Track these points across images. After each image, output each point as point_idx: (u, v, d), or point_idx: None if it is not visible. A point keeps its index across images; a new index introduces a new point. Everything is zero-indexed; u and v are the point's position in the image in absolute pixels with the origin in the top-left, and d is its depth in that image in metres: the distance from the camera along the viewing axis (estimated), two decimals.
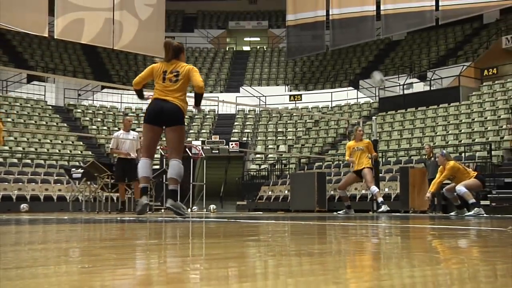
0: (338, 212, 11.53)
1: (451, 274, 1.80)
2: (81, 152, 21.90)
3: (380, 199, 11.18)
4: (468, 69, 22.37)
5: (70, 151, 21.70)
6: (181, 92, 6.30)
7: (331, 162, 19.95)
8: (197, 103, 6.50)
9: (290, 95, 27.12)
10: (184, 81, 6.31)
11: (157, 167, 17.89)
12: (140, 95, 6.80)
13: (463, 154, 16.29)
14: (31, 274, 1.73)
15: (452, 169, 10.02)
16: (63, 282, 1.58)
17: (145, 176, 6.50)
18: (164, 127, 6.36)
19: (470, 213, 9.87)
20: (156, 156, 21.61)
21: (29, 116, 22.81)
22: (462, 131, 18.58)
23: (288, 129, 24.78)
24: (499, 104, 19.21)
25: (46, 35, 21.77)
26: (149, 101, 6.65)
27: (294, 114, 25.36)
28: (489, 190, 13.44)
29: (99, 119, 24.72)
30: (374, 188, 11.10)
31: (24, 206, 12.50)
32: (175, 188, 6.41)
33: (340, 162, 19.44)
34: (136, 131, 12.49)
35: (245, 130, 25.44)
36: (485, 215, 9.70)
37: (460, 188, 9.84)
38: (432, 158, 12.41)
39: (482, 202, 12.41)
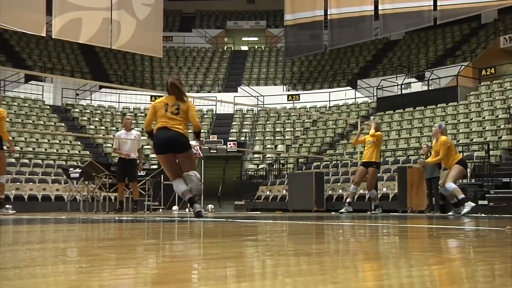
0: (341, 211, 11.59)
1: (449, 274, 1.80)
2: (79, 151, 21.88)
3: (376, 202, 11.60)
4: (466, 69, 22.38)
5: (68, 150, 21.67)
6: (183, 124, 6.82)
7: (329, 162, 19.95)
8: (198, 137, 7.25)
9: (288, 95, 27.12)
10: (184, 116, 6.83)
11: (155, 167, 17.91)
12: (151, 135, 7.13)
13: (461, 154, 16.30)
14: (29, 274, 1.73)
15: (445, 144, 10.05)
16: (61, 282, 1.58)
17: (185, 191, 6.90)
18: (174, 152, 6.84)
19: (465, 210, 9.83)
20: (154, 156, 21.62)
21: (27, 115, 22.78)
22: (460, 131, 18.60)
23: (286, 129, 24.78)
24: (497, 104, 19.22)
25: (44, 34, 21.71)
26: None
27: (292, 114, 25.35)
28: (487, 190, 13.46)
29: (97, 119, 24.69)
30: (373, 193, 11.51)
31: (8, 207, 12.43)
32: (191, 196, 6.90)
33: (338, 162, 19.44)
34: (136, 130, 12.40)
35: (243, 130, 25.44)
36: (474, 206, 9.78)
37: (449, 185, 9.83)
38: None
39: (480, 202, 12.44)
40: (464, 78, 21.70)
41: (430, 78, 22.90)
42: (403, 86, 23.10)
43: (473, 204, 9.90)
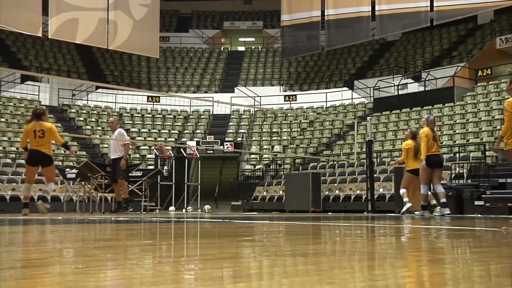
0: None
1: (445, 274, 1.81)
2: (75, 152, 21.82)
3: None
4: (463, 70, 22.41)
5: (64, 151, 21.57)
6: (47, 144, 9.24)
7: (326, 163, 19.96)
8: (67, 148, 10.17)
9: (285, 96, 27.12)
10: (47, 136, 9.18)
11: (152, 167, 17.88)
12: (26, 149, 9.42)
13: (457, 155, 16.33)
14: (25, 274, 1.72)
15: (423, 134, 9.66)
16: (57, 283, 1.58)
17: (27, 196, 9.79)
18: (40, 166, 9.36)
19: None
20: (150, 156, 21.61)
21: (23, 116, 22.69)
22: (457, 131, 18.63)
23: (283, 130, 24.78)
24: (493, 105, 19.26)
25: (40, 35, 21.68)
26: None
27: (289, 114, 25.36)
28: (484, 190, 13.48)
29: (93, 119, 24.65)
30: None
31: None
32: None
33: (335, 162, 19.45)
34: (123, 129, 12.19)
35: (240, 130, 25.43)
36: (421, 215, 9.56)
37: (422, 188, 9.87)
38: None
39: (476, 203, 12.45)
40: (460, 79, 21.74)
41: (427, 79, 22.93)
42: (399, 86, 23.12)
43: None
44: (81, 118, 24.39)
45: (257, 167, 22.70)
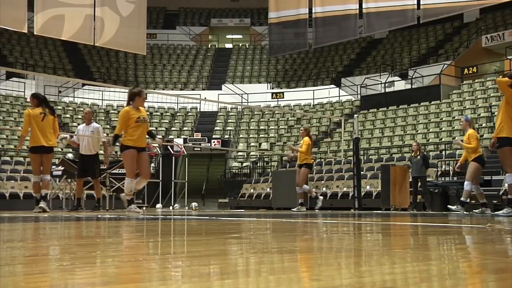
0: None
1: (430, 271, 1.82)
2: (62, 149, 21.67)
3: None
4: (449, 68, 22.57)
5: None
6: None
7: (313, 160, 19.99)
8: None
9: (272, 93, 27.13)
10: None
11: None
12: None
13: (443, 152, 16.44)
14: (9, 272, 1.71)
15: (473, 136, 9.77)
16: (41, 281, 1.57)
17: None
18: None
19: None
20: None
21: (8, 113, 22.53)
22: (443, 129, 18.75)
23: (270, 127, 24.79)
24: (479, 103, 19.42)
25: (26, 31, 21.48)
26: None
27: (276, 111, 25.38)
28: None
29: (80, 116, 24.48)
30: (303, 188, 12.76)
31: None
32: None
33: (322, 160, 19.50)
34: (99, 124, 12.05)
35: (227, 128, 25.41)
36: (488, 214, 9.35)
37: (466, 184, 9.74)
38: (419, 157, 12.44)
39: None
40: (446, 77, 21.89)
41: (413, 77, 23.05)
42: (386, 84, 23.23)
43: (488, 212, 9.52)
44: (68, 115, 24.24)
45: (244, 164, 22.70)
